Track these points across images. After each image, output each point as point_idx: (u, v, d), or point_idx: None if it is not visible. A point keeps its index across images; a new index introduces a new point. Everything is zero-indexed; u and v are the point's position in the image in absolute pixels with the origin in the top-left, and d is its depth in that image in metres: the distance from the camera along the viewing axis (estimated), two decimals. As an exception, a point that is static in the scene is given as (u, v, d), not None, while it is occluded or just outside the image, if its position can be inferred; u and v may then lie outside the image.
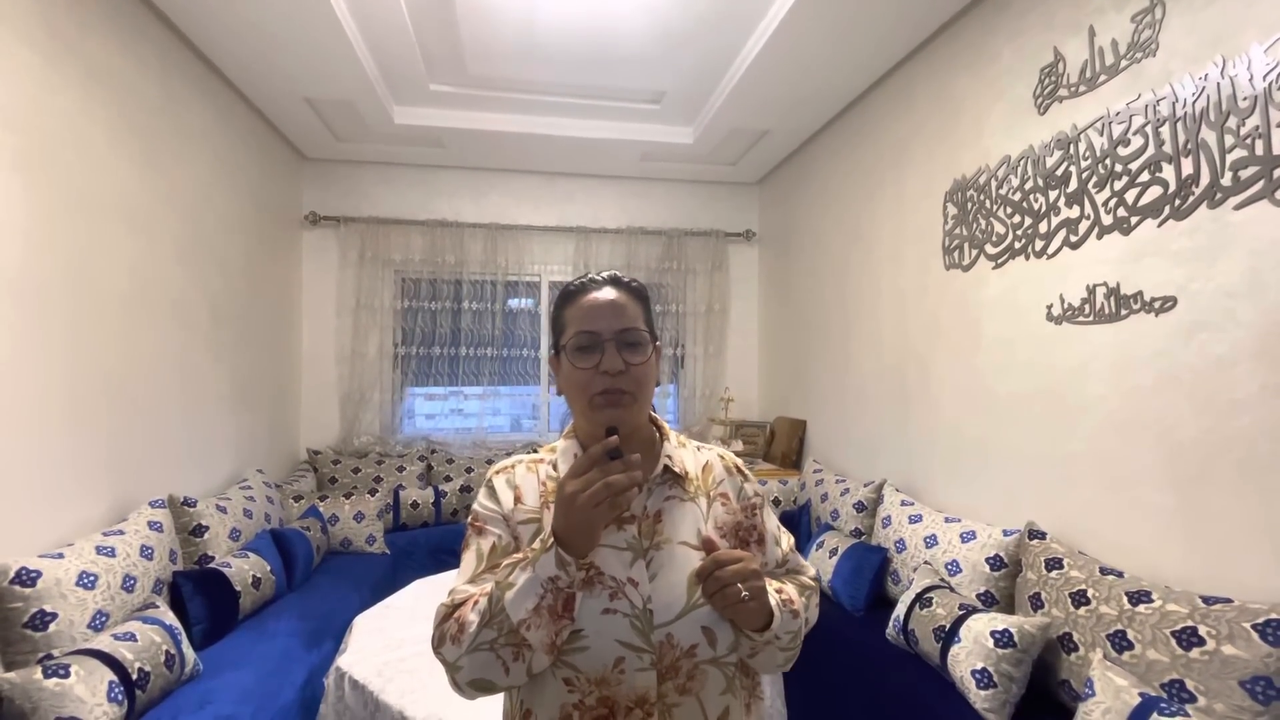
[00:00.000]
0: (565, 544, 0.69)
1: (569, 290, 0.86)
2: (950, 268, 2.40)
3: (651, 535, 0.79)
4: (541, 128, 3.45)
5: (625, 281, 0.86)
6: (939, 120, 2.46)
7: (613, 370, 0.78)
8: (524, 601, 0.69)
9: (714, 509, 0.84)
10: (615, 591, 0.75)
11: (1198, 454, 1.52)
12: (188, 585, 2.02)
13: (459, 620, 0.74)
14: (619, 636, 0.73)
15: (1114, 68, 1.73)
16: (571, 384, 0.82)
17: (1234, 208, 1.43)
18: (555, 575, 0.69)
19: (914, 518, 2.30)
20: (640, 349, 0.81)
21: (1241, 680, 1.23)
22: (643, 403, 0.82)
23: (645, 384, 0.81)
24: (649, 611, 0.75)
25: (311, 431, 3.86)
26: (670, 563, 0.78)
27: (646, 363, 0.81)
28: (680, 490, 0.84)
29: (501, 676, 0.71)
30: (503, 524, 0.82)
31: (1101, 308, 1.77)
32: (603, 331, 0.80)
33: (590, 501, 0.67)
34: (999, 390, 2.15)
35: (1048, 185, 1.94)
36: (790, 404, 3.85)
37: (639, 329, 0.82)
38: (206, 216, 2.68)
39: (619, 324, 0.81)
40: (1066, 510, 1.88)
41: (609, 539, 0.78)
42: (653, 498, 0.82)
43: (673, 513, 0.82)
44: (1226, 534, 1.45)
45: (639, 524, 0.80)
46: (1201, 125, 1.49)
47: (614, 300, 0.82)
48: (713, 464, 0.89)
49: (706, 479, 0.87)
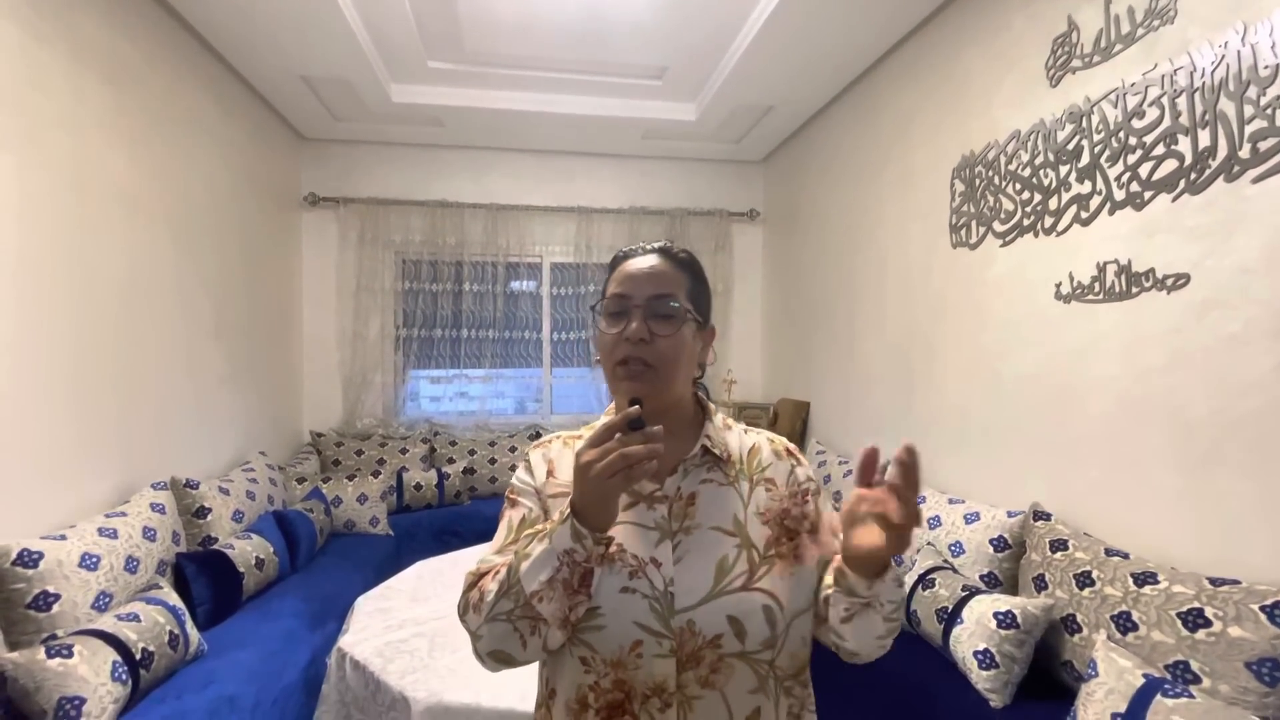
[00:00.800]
0: (582, 516, 0.67)
1: (618, 256, 0.84)
2: (957, 246, 2.36)
3: (682, 518, 0.76)
4: (541, 105, 3.39)
5: (674, 252, 0.83)
6: (947, 94, 2.40)
7: (634, 338, 0.75)
8: (538, 573, 0.67)
9: (756, 494, 0.79)
10: (635, 570, 0.72)
11: (1208, 434, 1.49)
12: (191, 566, 2.03)
13: (481, 589, 0.72)
14: (637, 618, 0.70)
15: (1130, 36, 1.67)
16: (600, 350, 0.80)
17: (1252, 181, 1.39)
18: (571, 548, 0.67)
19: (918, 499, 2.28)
20: (670, 321, 0.77)
21: (1248, 662, 1.22)
22: (668, 378, 0.77)
23: (671, 359, 0.77)
24: (670, 594, 0.71)
25: (314, 414, 3.86)
26: (699, 548, 0.74)
27: (674, 336, 0.77)
28: (719, 474, 0.79)
29: (519, 649, 0.70)
30: (534, 497, 0.81)
31: (1112, 286, 1.73)
32: (633, 296, 0.77)
33: (605, 471, 0.64)
34: (1005, 370, 2.12)
35: (1058, 160, 1.89)
36: (794, 385, 3.82)
37: (671, 298, 0.78)
38: (204, 198, 2.65)
39: (652, 290, 0.78)
40: (1072, 491, 1.86)
41: (637, 517, 0.75)
42: (688, 479, 0.78)
43: (708, 496, 0.78)
44: (1236, 515, 1.43)
45: (670, 505, 0.76)
46: (1220, 95, 1.44)
47: (654, 266, 0.79)
48: (760, 447, 0.84)
49: (751, 462, 0.82)
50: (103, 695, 1.42)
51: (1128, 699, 1.26)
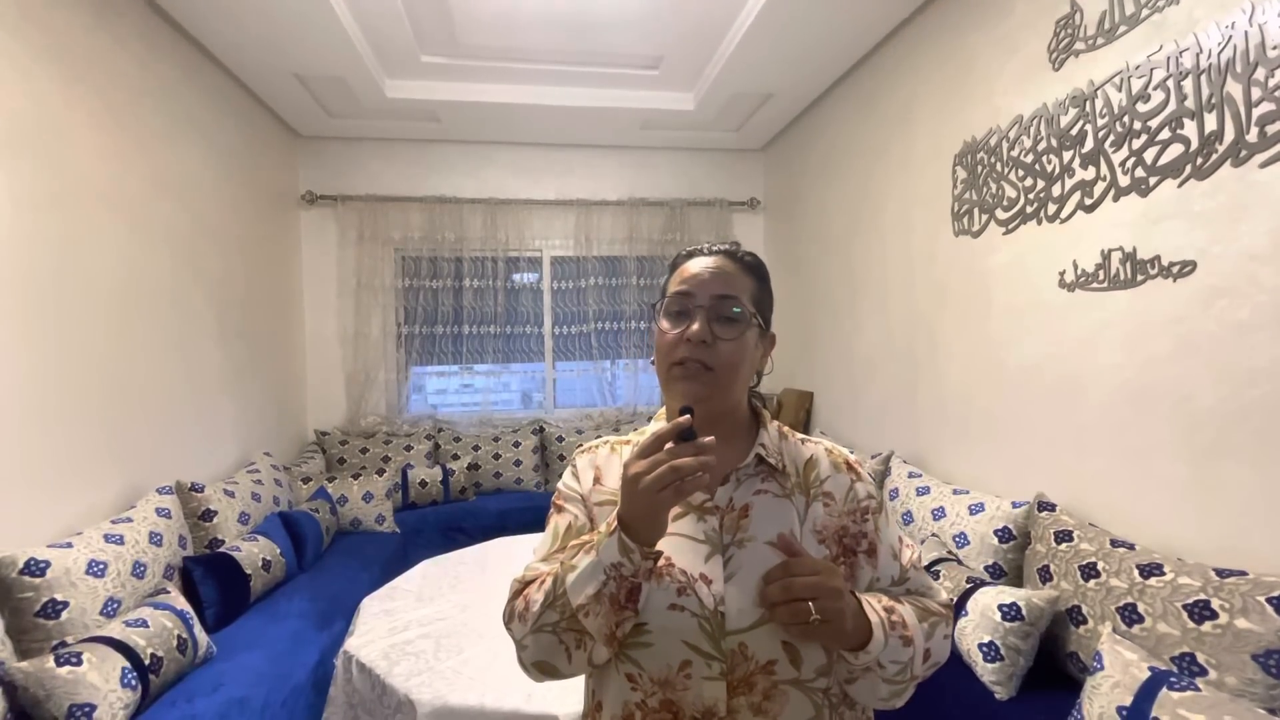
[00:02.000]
0: (629, 529, 0.64)
1: (680, 254, 0.82)
2: (959, 234, 2.33)
3: (734, 531, 0.72)
4: (537, 97, 3.35)
5: (740, 254, 0.80)
6: (948, 79, 2.36)
7: (696, 338, 0.72)
8: (584, 586, 0.65)
9: (814, 509, 0.75)
10: (684, 587, 0.68)
11: (1214, 424, 1.48)
12: (198, 570, 2.04)
13: (526, 598, 0.71)
14: (686, 637, 0.67)
15: (1134, 18, 1.63)
16: (658, 349, 0.77)
17: (1259, 166, 1.36)
18: (618, 562, 0.64)
19: (921, 489, 2.28)
20: (735, 324, 0.74)
21: (1254, 654, 1.21)
22: (727, 384, 0.74)
23: (735, 363, 0.74)
24: (720, 614, 0.68)
25: (318, 413, 3.87)
26: (752, 563, 0.70)
27: (738, 340, 0.74)
28: (775, 485, 0.75)
29: (564, 662, 0.68)
30: (580, 504, 0.79)
31: (1117, 273, 1.70)
32: (697, 295, 0.75)
33: (655, 485, 0.61)
34: (1009, 359, 2.10)
35: (1061, 145, 1.86)
36: (797, 375, 3.81)
37: (738, 300, 0.75)
38: (199, 199, 2.64)
39: (717, 290, 0.75)
40: (1077, 482, 1.84)
41: (686, 529, 0.72)
42: (741, 489, 0.74)
43: (763, 508, 0.73)
44: (1242, 505, 1.42)
45: (721, 516, 0.73)
46: (1227, 78, 1.41)
47: (719, 267, 0.77)
48: (818, 458, 0.79)
49: (809, 474, 0.77)
50: (113, 702, 1.43)
51: (1133, 692, 1.25)
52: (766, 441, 0.77)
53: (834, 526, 0.74)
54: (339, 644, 1.94)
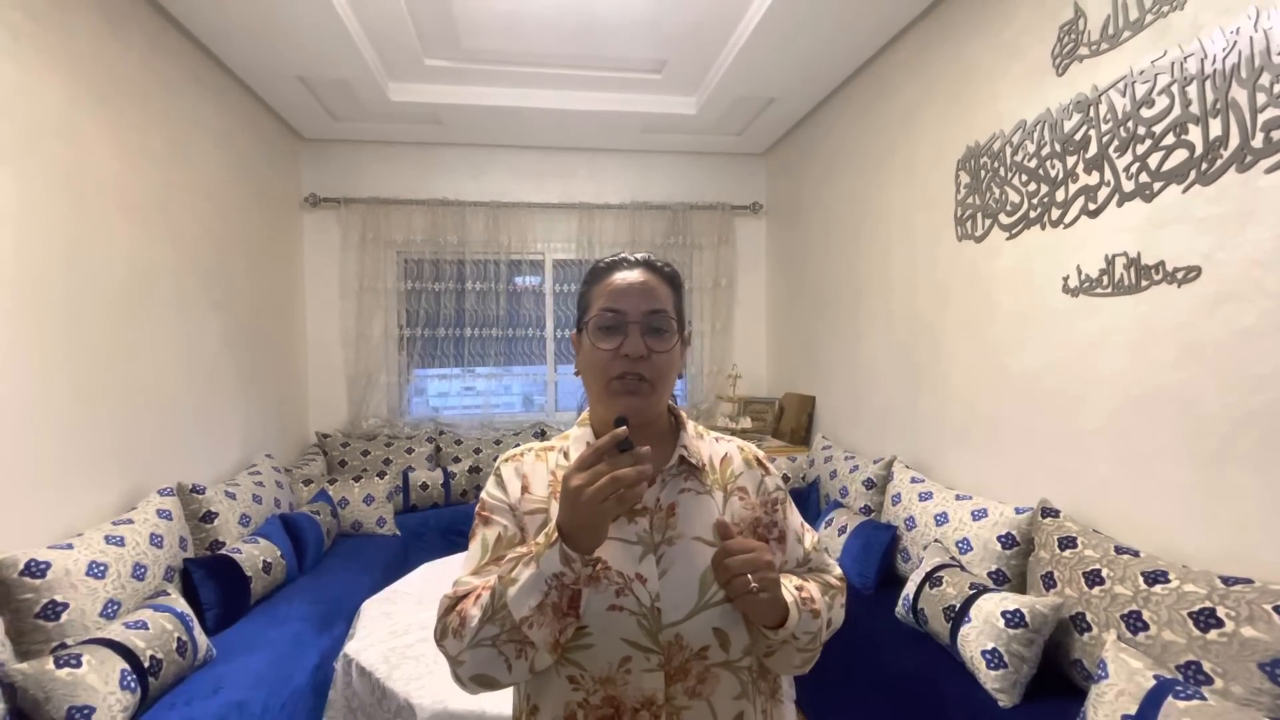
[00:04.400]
0: (570, 539, 0.66)
1: (599, 267, 0.83)
2: (963, 238, 2.32)
3: (664, 529, 0.76)
4: (540, 100, 3.36)
5: (659, 265, 0.83)
6: (951, 84, 2.36)
7: (634, 354, 0.75)
8: (527, 599, 0.66)
9: (731, 503, 0.80)
10: (622, 588, 0.72)
11: (1219, 430, 1.47)
12: (199, 572, 2.04)
13: (461, 614, 0.71)
14: (625, 635, 0.71)
15: (1139, 23, 1.63)
16: (590, 365, 0.79)
17: (1265, 171, 1.36)
18: (560, 572, 0.66)
19: (924, 495, 2.27)
20: (665, 336, 0.78)
21: (1261, 663, 1.20)
22: (662, 393, 0.79)
23: (666, 373, 0.78)
24: (657, 610, 0.71)
25: (320, 415, 3.87)
26: (682, 559, 0.74)
27: (670, 351, 0.78)
28: (696, 483, 0.80)
29: (504, 673, 0.69)
30: (509, 514, 0.79)
31: (1121, 279, 1.70)
32: (629, 312, 0.77)
33: (596, 497, 0.63)
34: (1012, 365, 2.09)
35: (1065, 150, 1.86)
36: (799, 380, 3.80)
37: (667, 314, 0.79)
38: (204, 201, 2.65)
39: (646, 305, 0.77)
40: (1081, 488, 1.83)
41: (618, 532, 0.75)
42: (667, 490, 0.79)
43: (687, 506, 0.78)
44: (1248, 512, 1.41)
45: (651, 517, 0.76)
46: (1232, 83, 1.41)
47: (645, 282, 0.79)
48: (731, 456, 0.85)
49: (724, 471, 0.83)
50: (112, 704, 1.43)
51: (1138, 700, 1.24)
52: (688, 442, 0.82)
53: (748, 518, 0.80)
54: (339, 647, 1.93)
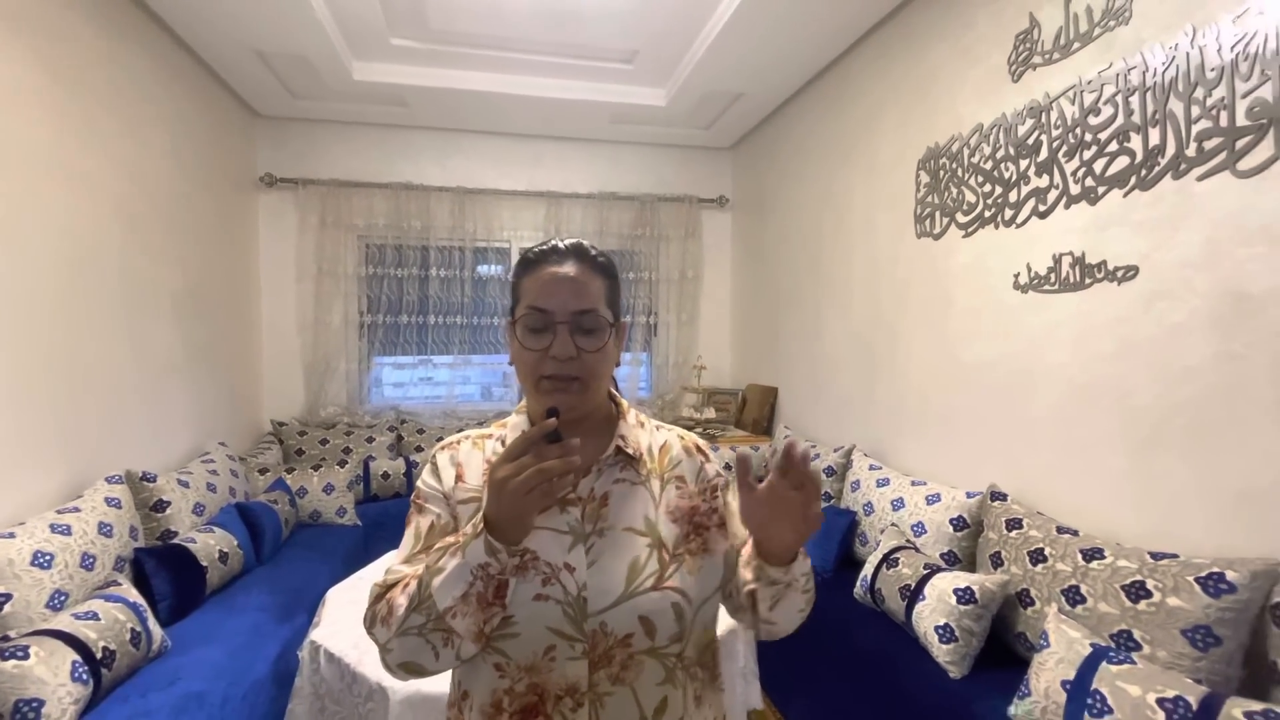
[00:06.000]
0: (496, 530, 0.66)
1: (528, 258, 0.79)
2: (921, 236, 2.42)
3: (595, 520, 0.76)
4: (508, 86, 3.32)
5: (591, 255, 0.79)
6: (914, 86, 2.45)
7: (562, 356, 0.73)
8: (451, 589, 0.66)
9: (667, 492, 0.80)
10: (548, 577, 0.72)
11: (1150, 419, 1.59)
12: (151, 562, 1.96)
13: (389, 602, 0.71)
14: (550, 624, 0.71)
15: (1088, 35, 1.73)
16: (520, 363, 0.77)
17: (1197, 179, 1.47)
18: (485, 562, 0.66)
19: (881, 481, 2.37)
20: (597, 334, 0.76)
21: (1183, 629, 1.31)
22: (595, 389, 0.78)
23: (599, 370, 0.77)
24: (583, 599, 0.72)
25: (275, 403, 3.75)
26: (612, 549, 0.75)
27: (602, 349, 0.76)
28: (632, 473, 0.80)
29: (431, 661, 0.69)
30: (443, 502, 0.79)
31: (1067, 276, 1.81)
32: (556, 312, 0.74)
33: (521, 488, 0.63)
34: (966, 357, 2.20)
35: (1019, 154, 1.96)
36: (762, 371, 3.88)
37: (597, 313, 0.76)
38: (151, 176, 2.53)
39: (575, 305, 0.75)
40: (1027, 473, 1.95)
41: (549, 521, 0.75)
42: (601, 479, 0.79)
43: (621, 497, 0.78)
44: (1174, 494, 1.53)
45: (583, 507, 0.76)
46: (1170, 95, 1.51)
47: (574, 277, 0.76)
48: (670, 444, 0.85)
49: (662, 460, 0.83)
50: (62, 696, 1.38)
51: (1076, 667, 1.34)
52: (625, 433, 0.82)
53: (685, 507, 0.80)
54: (301, 637, 1.90)
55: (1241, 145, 1.37)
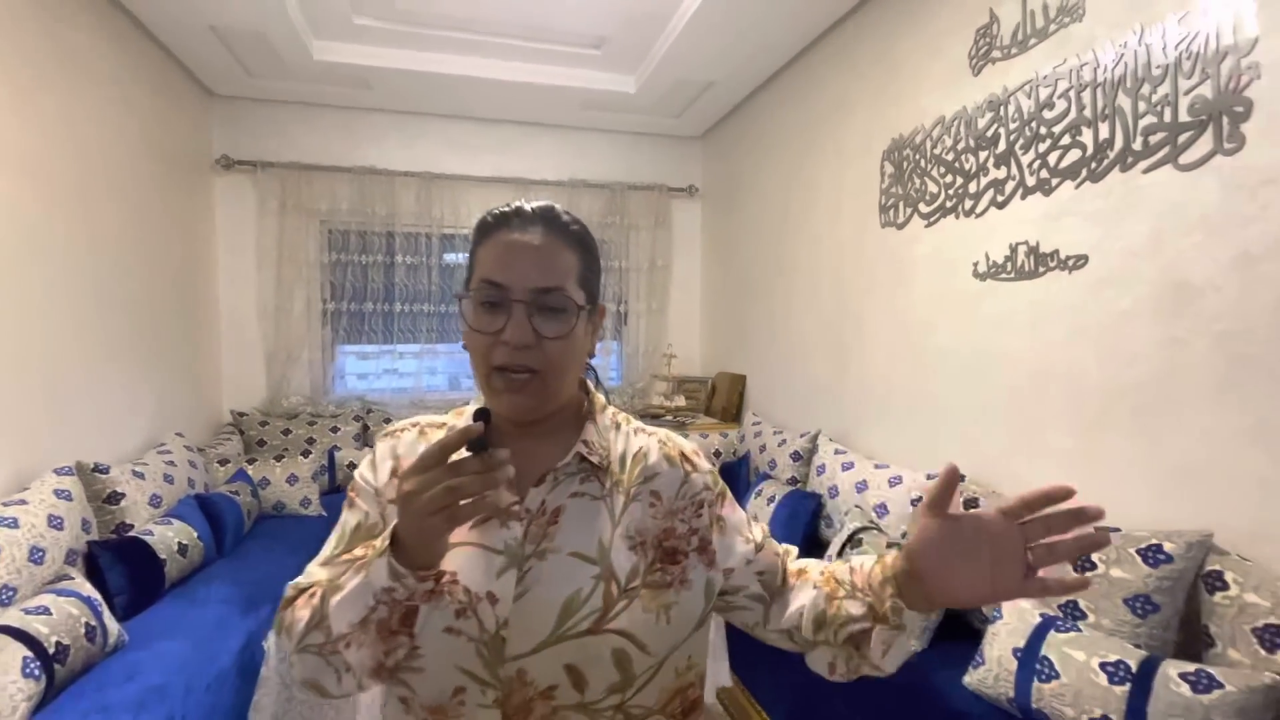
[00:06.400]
0: (402, 551, 0.56)
1: (487, 221, 0.66)
2: (886, 225, 2.47)
3: (539, 539, 0.63)
4: (475, 69, 3.26)
5: (563, 221, 0.66)
6: (880, 78, 2.49)
7: (517, 343, 0.61)
8: (348, 612, 0.57)
9: (631, 511, 0.67)
10: (465, 608, 0.61)
11: (1098, 401, 1.66)
12: (105, 555, 1.90)
13: (294, 611, 0.62)
14: (460, 662, 0.60)
15: (1044, 31, 1.79)
16: (471, 348, 0.65)
17: (1142, 172, 1.54)
18: (390, 586, 0.55)
19: (846, 465, 2.43)
20: (562, 317, 0.63)
21: (1125, 598, 1.39)
22: (557, 386, 0.65)
23: (563, 362, 0.64)
24: (500, 639, 0.60)
25: (235, 393, 3.64)
26: (550, 578, 0.62)
27: (568, 336, 0.63)
28: (595, 485, 0.67)
29: (334, 684, 0.60)
30: (374, 499, 0.69)
31: (1022, 265, 1.87)
32: (512, 288, 0.62)
33: (426, 507, 0.52)
34: (927, 344, 2.27)
35: (978, 146, 2.02)
36: (731, 359, 3.93)
37: (563, 291, 0.63)
38: (98, 156, 2.42)
39: (538, 280, 0.62)
40: (984, 454, 2.02)
41: (482, 536, 0.63)
42: (556, 491, 0.66)
43: (575, 513, 0.65)
44: (1119, 471, 1.61)
45: (529, 523, 0.64)
46: (1118, 91, 1.58)
47: (539, 247, 0.63)
48: (647, 451, 0.71)
49: (633, 471, 0.69)
50: (14, 693, 1.33)
51: (1026, 636, 1.41)
52: (592, 437, 0.69)
53: (655, 530, 0.66)
54: (266, 628, 1.87)
55: (1183, 140, 1.44)
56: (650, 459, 0.71)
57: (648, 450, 0.71)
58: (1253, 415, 1.33)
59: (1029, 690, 1.34)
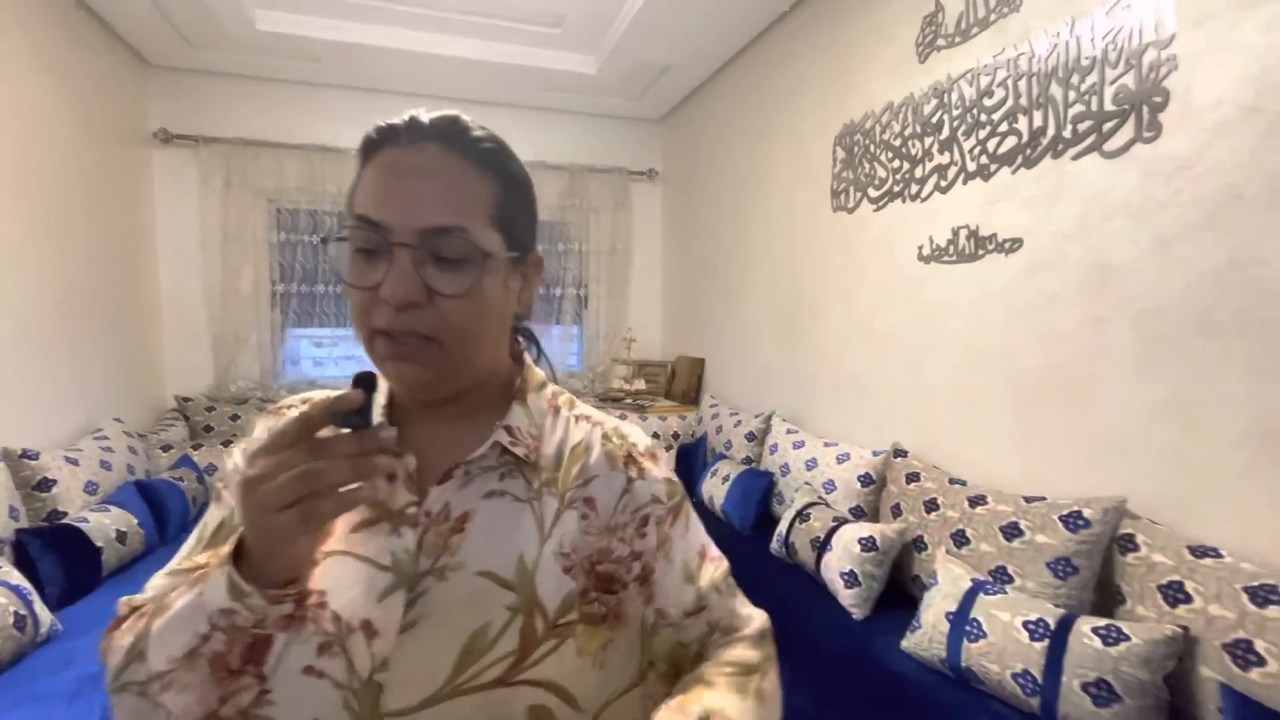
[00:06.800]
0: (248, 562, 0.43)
1: (371, 138, 0.51)
2: (837, 210, 2.53)
3: (438, 552, 0.48)
4: (429, 45, 3.19)
5: (470, 137, 0.50)
6: (833, 63, 2.53)
7: (399, 301, 0.46)
8: (170, 642, 0.43)
9: (565, 522, 0.52)
10: (331, 641, 0.46)
11: (1031, 378, 1.75)
12: (35, 543, 1.83)
13: (117, 637, 0.47)
14: (321, 713, 0.45)
15: (985, 21, 1.84)
16: (351, 305, 0.50)
17: (1071, 158, 1.61)
18: (228, 608, 0.42)
19: (797, 444, 2.49)
20: (463, 269, 0.47)
21: (1048, 562, 1.47)
22: (462, 358, 0.50)
23: (471, 327, 0.49)
24: (375, 686, 0.45)
25: (179, 377, 3.51)
26: (447, 607, 0.47)
27: (472, 294, 0.48)
28: (519, 483, 0.52)
29: None
30: None
31: (963, 248, 1.94)
32: (394, 228, 0.46)
33: (273, 500, 0.39)
34: (876, 325, 2.33)
35: (924, 132, 2.07)
36: (691, 343, 3.97)
37: (465, 234, 0.47)
38: (26, 129, 2.28)
39: (429, 217, 0.46)
40: (927, 431, 2.10)
41: (365, 546, 0.49)
42: (467, 490, 0.51)
43: (490, 519, 0.50)
44: (1048, 445, 1.70)
45: (425, 530, 0.49)
46: (1051, 81, 1.64)
47: (433, 172, 0.48)
48: (588, 446, 0.56)
49: (570, 470, 0.55)
50: (-65, 684, 1.28)
51: (958, 600, 1.49)
52: (518, 422, 0.54)
53: (590, 548, 0.52)
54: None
55: (1108, 128, 1.51)
56: (592, 454, 0.56)
57: (588, 443, 0.57)
58: (1165, 389, 1.42)
59: (959, 650, 1.42)
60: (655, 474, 0.58)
